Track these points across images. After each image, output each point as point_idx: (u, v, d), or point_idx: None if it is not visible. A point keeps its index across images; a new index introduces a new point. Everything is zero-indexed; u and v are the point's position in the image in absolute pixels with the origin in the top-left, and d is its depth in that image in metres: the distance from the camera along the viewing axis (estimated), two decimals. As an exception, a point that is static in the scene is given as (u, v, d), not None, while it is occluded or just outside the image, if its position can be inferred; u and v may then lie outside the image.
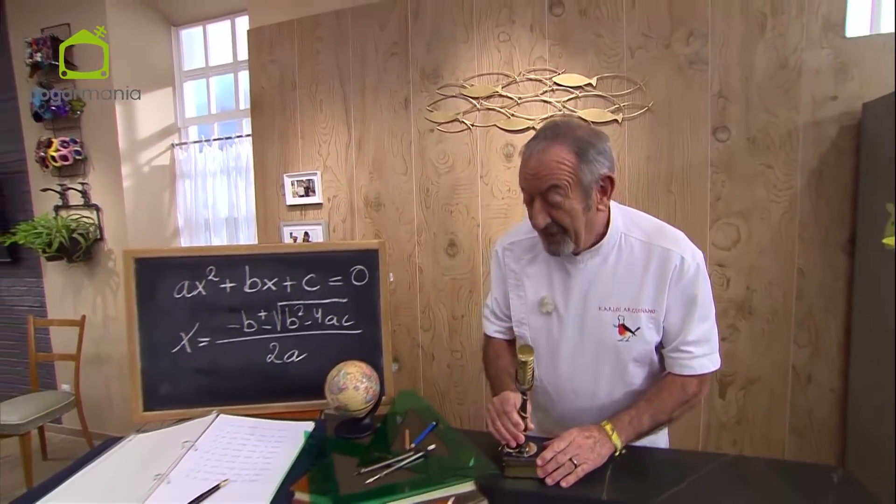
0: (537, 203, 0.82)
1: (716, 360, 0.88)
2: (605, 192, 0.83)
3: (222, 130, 2.91)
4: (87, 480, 0.75)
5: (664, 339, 0.89)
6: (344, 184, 2.17)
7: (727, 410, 1.69)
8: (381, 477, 0.68)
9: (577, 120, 0.89)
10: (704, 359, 0.87)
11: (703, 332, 0.86)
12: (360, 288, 1.01)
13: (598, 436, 0.78)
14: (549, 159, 0.78)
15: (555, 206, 0.80)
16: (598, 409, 0.91)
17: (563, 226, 0.82)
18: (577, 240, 0.83)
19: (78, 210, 2.69)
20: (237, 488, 0.71)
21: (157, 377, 1.00)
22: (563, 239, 0.83)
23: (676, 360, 0.87)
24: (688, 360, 0.86)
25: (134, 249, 0.98)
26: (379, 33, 2.03)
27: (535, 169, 0.80)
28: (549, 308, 0.92)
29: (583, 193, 0.80)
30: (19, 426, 2.19)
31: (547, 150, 0.79)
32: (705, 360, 0.87)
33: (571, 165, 0.78)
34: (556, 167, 0.78)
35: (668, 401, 0.85)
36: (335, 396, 0.85)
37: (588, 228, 0.84)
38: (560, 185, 0.78)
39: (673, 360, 0.88)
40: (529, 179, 0.82)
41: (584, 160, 0.79)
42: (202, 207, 2.91)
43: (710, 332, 0.87)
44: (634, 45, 1.66)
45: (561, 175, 0.78)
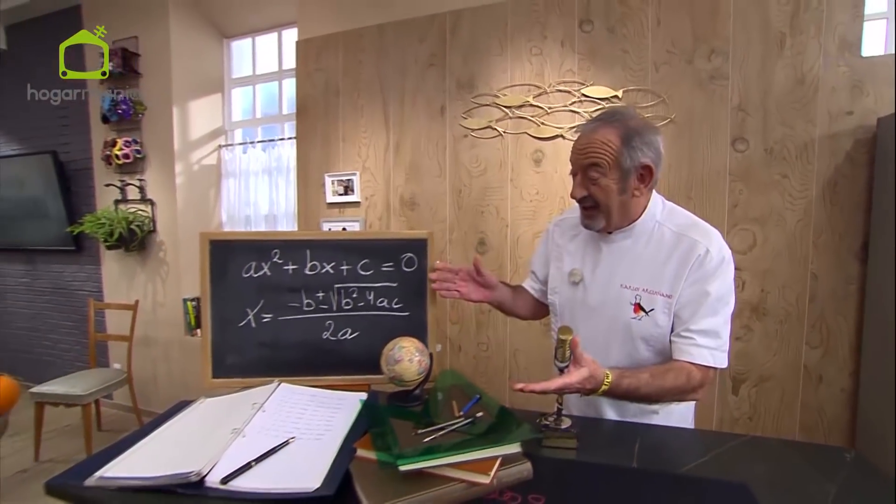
0: (578, 176, 0.92)
1: (720, 358, 0.89)
2: (643, 181, 0.90)
3: (265, 133, 3.13)
4: (170, 433, 0.88)
5: (675, 326, 0.92)
6: (381, 184, 2.33)
7: (739, 406, 1.78)
8: (436, 437, 0.76)
9: (635, 111, 0.97)
10: (706, 351, 0.88)
11: (711, 325, 0.88)
12: (409, 274, 1.13)
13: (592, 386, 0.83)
14: (595, 138, 0.89)
15: (593, 182, 0.90)
16: None
17: (597, 201, 0.91)
18: (608, 217, 0.92)
19: (135, 204, 2.93)
20: (305, 444, 0.82)
21: (224, 348, 1.10)
22: (596, 214, 0.93)
23: (677, 343, 0.90)
24: (687, 346, 0.88)
25: (209, 232, 1.12)
26: (418, 45, 2.20)
27: (582, 145, 0.90)
28: (577, 279, 1.02)
29: (620, 176, 0.88)
30: (82, 397, 2.41)
31: (597, 129, 0.90)
32: (706, 352, 0.88)
33: (615, 148, 0.87)
34: (599, 146, 0.88)
35: (669, 383, 0.87)
36: (391, 367, 0.95)
37: (622, 210, 0.92)
38: (599, 163, 0.88)
39: (674, 343, 0.91)
40: (576, 154, 0.92)
41: (627, 145, 0.87)
42: (244, 205, 3.12)
43: (718, 327, 0.89)
44: (659, 61, 1.79)
45: (602, 155, 0.88)
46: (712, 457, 0.83)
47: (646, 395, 0.87)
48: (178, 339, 2.90)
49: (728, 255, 0.91)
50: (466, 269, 1.11)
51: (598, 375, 0.82)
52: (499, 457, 0.73)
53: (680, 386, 0.88)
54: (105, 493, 0.73)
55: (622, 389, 0.85)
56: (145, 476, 0.75)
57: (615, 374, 0.84)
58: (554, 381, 0.80)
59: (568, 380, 0.80)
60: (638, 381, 0.86)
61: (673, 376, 0.88)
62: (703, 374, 0.89)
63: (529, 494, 0.71)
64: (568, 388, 0.80)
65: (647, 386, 0.86)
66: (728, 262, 0.91)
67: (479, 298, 1.13)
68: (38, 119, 3.30)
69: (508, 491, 0.72)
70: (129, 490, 0.73)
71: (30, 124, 3.36)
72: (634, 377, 0.86)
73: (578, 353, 0.81)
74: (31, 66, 3.28)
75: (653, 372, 0.88)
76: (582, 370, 0.81)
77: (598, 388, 0.83)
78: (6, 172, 3.26)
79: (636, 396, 0.87)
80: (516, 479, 0.74)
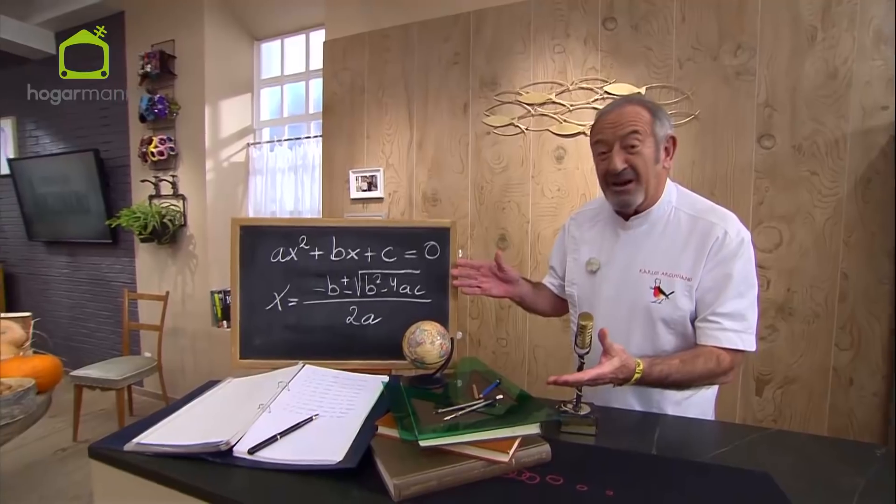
0: (616, 148, 0.91)
1: (749, 340, 0.89)
2: (668, 153, 0.94)
3: (292, 132, 3.22)
4: (200, 408, 0.93)
5: (698, 312, 0.92)
6: (404, 180, 2.37)
7: (764, 408, 1.74)
8: (457, 416, 0.78)
9: None
10: (733, 334, 0.88)
11: (737, 308, 0.88)
12: (431, 261, 1.15)
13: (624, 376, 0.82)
14: (627, 111, 0.91)
15: (632, 151, 0.90)
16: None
17: (638, 171, 0.91)
18: (646, 188, 0.92)
19: (167, 199, 3.06)
20: (327, 421, 0.86)
21: (252, 330, 1.14)
22: (635, 188, 0.92)
23: (703, 329, 0.90)
24: (714, 331, 0.88)
25: (240, 218, 1.18)
26: (442, 45, 2.23)
27: (616, 118, 0.91)
28: (595, 267, 1.03)
29: (655, 145, 0.91)
30: (116, 382, 2.52)
31: (624, 105, 0.93)
32: (734, 335, 0.88)
33: (647, 118, 0.90)
34: (635, 116, 0.90)
35: (700, 368, 0.86)
36: (413, 349, 0.96)
37: (655, 182, 0.93)
38: (639, 130, 0.89)
39: (700, 329, 0.90)
40: (608, 128, 0.92)
41: (656, 117, 0.91)
42: (270, 201, 3.21)
43: (745, 310, 0.89)
44: (683, 57, 1.77)
45: (639, 122, 0.90)
46: (733, 447, 0.83)
47: (677, 381, 0.87)
48: (206, 330, 3.00)
49: (747, 236, 0.91)
50: (488, 264, 1.13)
51: (629, 364, 0.81)
52: (517, 437, 0.75)
53: (710, 370, 0.87)
54: (142, 458, 0.78)
55: (654, 377, 0.84)
56: (179, 444, 0.79)
57: (646, 363, 0.83)
58: (587, 371, 0.79)
59: (601, 370, 0.79)
60: (669, 368, 0.85)
61: (703, 361, 0.87)
62: (732, 358, 0.89)
63: (548, 475, 0.73)
64: (601, 379, 0.79)
65: (677, 372, 0.86)
66: (747, 244, 0.91)
67: (501, 294, 1.14)
68: (82, 119, 3.48)
69: (527, 471, 0.74)
70: (164, 456, 0.78)
71: (75, 124, 3.55)
72: (665, 364, 0.86)
73: (608, 343, 0.81)
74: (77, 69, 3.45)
75: (682, 358, 0.88)
76: (614, 360, 0.80)
77: (631, 378, 0.82)
78: (53, 170, 3.45)
79: (667, 383, 0.87)
80: (535, 460, 0.76)
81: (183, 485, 0.73)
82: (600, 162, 0.97)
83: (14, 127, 3.91)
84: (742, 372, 1.74)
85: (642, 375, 0.83)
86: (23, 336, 1.82)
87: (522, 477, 0.73)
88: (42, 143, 3.75)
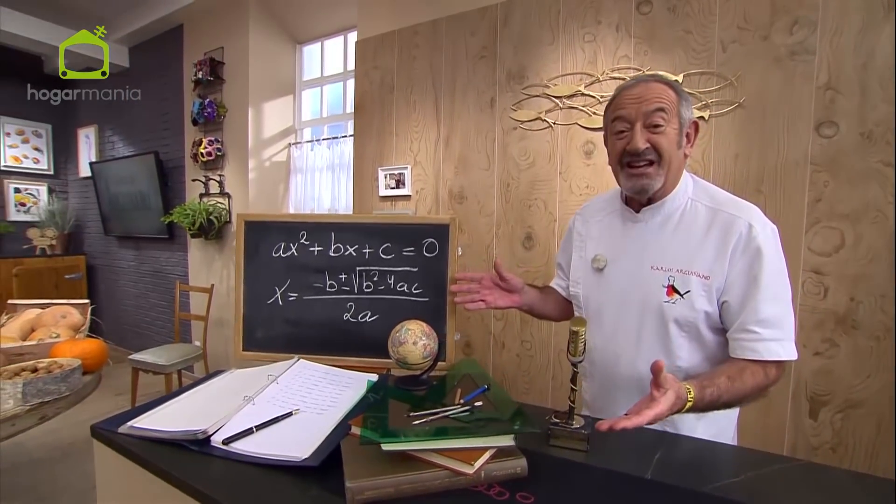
0: (638, 126, 0.83)
1: (790, 349, 0.80)
2: (689, 139, 0.87)
3: (330, 131, 3.31)
4: (196, 397, 0.96)
5: (726, 318, 0.83)
6: (431, 177, 2.35)
7: (819, 433, 1.53)
8: (426, 421, 0.74)
9: None
10: (774, 343, 0.79)
11: (774, 314, 0.79)
12: (430, 259, 1.12)
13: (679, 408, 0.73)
14: (653, 86, 0.84)
15: (656, 130, 0.83)
16: (637, 380, 0.89)
17: (661, 150, 0.83)
18: (668, 171, 0.84)
19: (215, 197, 3.25)
20: (306, 417, 0.85)
21: (254, 323, 1.17)
22: (656, 171, 0.84)
23: (740, 341, 0.81)
24: (753, 343, 0.80)
25: (245, 213, 1.19)
26: (470, 38, 2.18)
27: (641, 93, 0.84)
28: (601, 264, 0.95)
29: (679, 126, 0.84)
30: (165, 367, 2.72)
31: (649, 81, 0.85)
32: (775, 344, 0.79)
33: (674, 97, 0.83)
34: (661, 92, 0.83)
35: (749, 383, 0.79)
36: (396, 349, 0.94)
37: (675, 168, 0.85)
38: (665, 108, 0.82)
39: (736, 341, 0.81)
40: (632, 103, 0.84)
41: (682, 98, 0.84)
42: (309, 199, 3.32)
43: (782, 315, 0.80)
44: (727, 39, 1.60)
45: (665, 100, 0.82)
46: (745, 479, 0.72)
47: (727, 402, 0.78)
48: (248, 321, 3.15)
49: (773, 229, 0.82)
50: (489, 275, 1.06)
51: (682, 395, 0.73)
52: (486, 448, 0.70)
53: (759, 384, 0.80)
54: (130, 440, 0.82)
55: (706, 402, 0.76)
56: (163, 429, 0.82)
57: (696, 387, 0.74)
58: (644, 413, 0.67)
59: (658, 409, 0.68)
60: (719, 389, 0.77)
61: (750, 375, 0.79)
62: (777, 368, 0.81)
63: (519, 492, 0.67)
64: (660, 418, 0.69)
65: (728, 392, 0.77)
66: (776, 239, 0.81)
67: (507, 305, 1.07)
68: (146, 123, 3.80)
69: (497, 486, 0.69)
70: (149, 440, 0.81)
71: (140, 128, 3.88)
72: (714, 386, 0.77)
73: (663, 377, 0.70)
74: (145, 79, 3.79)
75: (729, 374, 0.79)
76: (669, 395, 0.71)
77: (684, 407, 0.73)
78: (123, 171, 3.79)
79: (719, 405, 0.78)
80: (509, 474, 0.70)
81: (156, 468, 0.75)
82: (617, 141, 0.88)
83: (96, 134, 4.35)
84: (791, 389, 1.55)
85: (694, 402, 0.74)
86: (80, 321, 2.00)
87: (490, 492, 0.67)
88: (116, 147, 4.14)
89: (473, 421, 0.76)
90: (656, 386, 0.70)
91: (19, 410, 1.32)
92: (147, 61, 3.77)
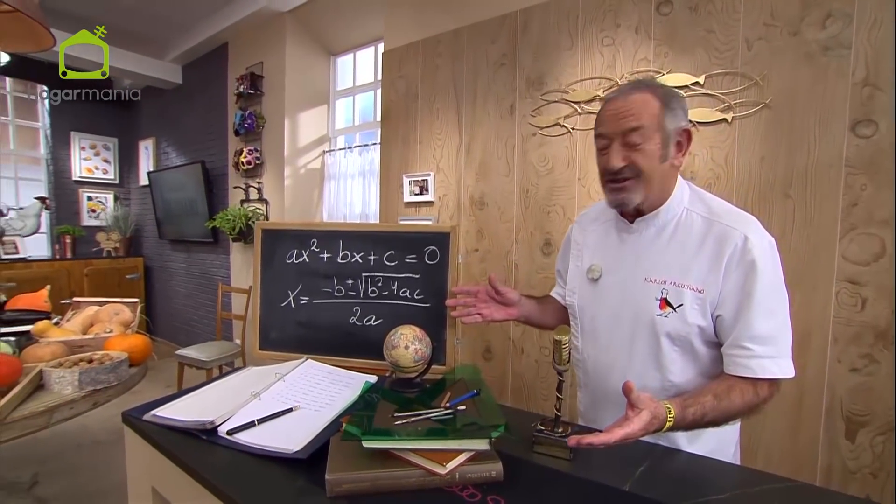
0: (615, 144, 0.82)
1: (785, 366, 0.78)
2: (680, 149, 0.84)
3: (362, 139, 3.43)
4: (212, 391, 1.04)
5: (721, 333, 0.82)
6: (453, 184, 2.39)
7: (857, 456, 1.42)
8: (407, 422, 0.78)
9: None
10: (768, 360, 0.77)
11: (768, 329, 0.77)
12: (431, 266, 1.15)
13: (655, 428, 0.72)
14: (634, 99, 0.81)
15: (633, 148, 0.80)
16: None
17: (639, 168, 0.81)
18: (648, 188, 0.82)
19: (253, 203, 3.45)
20: (304, 413, 0.91)
21: (269, 324, 1.23)
22: (635, 185, 0.82)
23: (733, 357, 0.79)
24: (746, 360, 0.78)
25: (262, 222, 1.28)
26: (490, 46, 2.21)
27: (619, 108, 0.81)
28: (596, 275, 0.94)
29: (662, 141, 0.81)
30: (206, 362, 2.92)
31: (632, 92, 0.82)
32: (768, 362, 0.77)
33: (656, 109, 0.80)
34: (640, 107, 0.80)
35: (738, 402, 0.77)
36: (389, 352, 0.97)
37: (660, 182, 0.83)
38: (642, 126, 0.79)
39: (729, 357, 0.80)
40: (610, 120, 0.82)
41: (667, 107, 0.81)
42: (342, 205, 3.45)
43: (777, 331, 0.78)
44: (753, 37, 1.53)
45: (644, 116, 0.80)
46: (732, 496, 0.70)
47: (714, 420, 0.77)
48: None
49: (769, 241, 0.78)
50: (485, 288, 1.06)
51: (659, 414, 0.72)
52: (461, 451, 0.72)
53: (749, 403, 0.78)
54: (152, 427, 0.91)
55: (687, 421, 0.75)
56: (178, 419, 0.90)
57: (677, 407, 0.74)
58: (614, 432, 0.68)
59: (630, 429, 0.68)
60: (703, 408, 0.75)
61: (739, 393, 0.77)
62: (770, 386, 0.79)
63: (490, 495, 0.69)
64: (631, 437, 0.70)
65: (713, 410, 0.76)
66: (773, 252, 0.78)
67: (503, 318, 1.06)
68: (195, 135, 4.10)
69: (472, 487, 0.71)
70: (166, 427, 0.90)
71: (189, 139, 4.19)
72: (698, 404, 0.76)
73: (635, 396, 0.71)
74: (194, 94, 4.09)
75: (716, 392, 0.77)
76: (642, 414, 0.70)
77: (664, 427, 0.72)
78: (174, 179, 4.10)
79: (704, 424, 0.77)
80: (483, 477, 0.72)
81: (169, 452, 0.84)
82: (600, 157, 0.88)
83: (154, 145, 4.73)
84: (824, 407, 1.45)
85: (675, 422, 0.73)
86: (131, 318, 2.19)
87: (463, 493, 0.70)
88: (170, 157, 4.49)
89: (452, 424, 0.78)
90: (630, 405, 0.70)
91: (76, 396, 1.46)
92: (196, 78, 4.08)
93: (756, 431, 1.55)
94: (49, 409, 1.35)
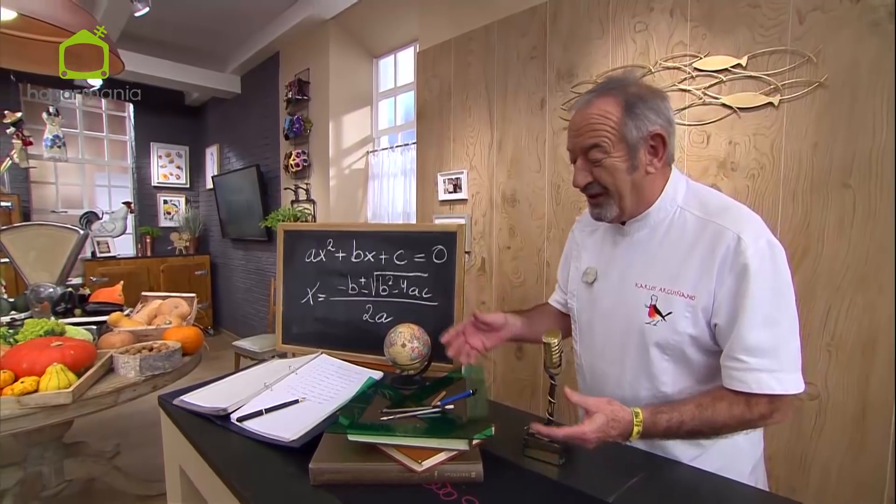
0: (579, 161, 0.80)
1: (788, 381, 0.70)
2: (655, 153, 0.77)
3: (404, 138, 3.49)
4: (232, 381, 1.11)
5: (720, 343, 0.76)
6: (486, 181, 2.38)
7: (933, 482, 1.24)
8: (393, 419, 0.80)
9: (636, 77, 0.87)
10: (765, 374, 0.69)
11: (764, 341, 0.69)
12: (439, 265, 1.16)
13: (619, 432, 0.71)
14: (592, 112, 0.76)
15: (596, 164, 0.77)
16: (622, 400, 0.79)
17: (605, 185, 0.78)
18: (620, 202, 0.79)
19: (302, 203, 3.64)
20: (308, 405, 0.95)
21: (291, 320, 1.30)
22: (605, 200, 0.80)
23: (728, 370, 0.73)
24: (740, 373, 0.71)
25: (284, 224, 1.34)
26: (520, 40, 2.16)
27: (578, 125, 0.78)
28: (591, 278, 0.91)
29: (628, 151, 0.76)
30: (257, 353, 3.13)
31: (591, 102, 0.77)
32: (766, 376, 0.69)
33: (615, 120, 0.75)
34: (598, 122, 0.75)
35: (723, 414, 0.71)
36: (387, 349, 1.00)
37: (635, 192, 0.79)
38: (601, 143, 0.75)
39: (725, 370, 0.74)
40: (571, 135, 0.80)
41: (630, 115, 0.75)
42: (386, 203, 3.54)
43: (776, 343, 0.70)
44: (806, 8, 1.37)
45: (602, 131, 0.75)
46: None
47: (695, 430, 0.72)
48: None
49: (770, 243, 0.71)
50: (470, 322, 1.01)
51: (621, 418, 0.70)
52: (439, 450, 0.73)
53: (737, 417, 0.72)
54: (179, 410, 1.00)
55: (661, 428, 0.72)
56: (199, 404, 0.99)
57: (647, 412, 0.71)
58: (563, 427, 0.70)
59: (578, 430, 0.68)
60: (681, 416, 0.72)
61: (726, 405, 0.72)
62: (769, 401, 0.71)
63: (466, 496, 0.69)
64: (580, 438, 0.69)
65: (693, 420, 0.72)
66: (773, 254, 0.70)
67: (495, 343, 1.02)
68: (251, 140, 4.40)
69: (450, 486, 0.72)
70: (189, 412, 0.99)
71: (247, 144, 4.50)
72: (675, 411, 0.72)
73: (579, 399, 0.70)
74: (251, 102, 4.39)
75: (699, 402, 0.73)
76: (596, 417, 0.69)
77: (630, 432, 0.71)
78: (234, 182, 4.43)
79: (683, 434, 0.73)
80: (463, 477, 0.73)
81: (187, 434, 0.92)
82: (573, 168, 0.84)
83: (218, 151, 5.13)
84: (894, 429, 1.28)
85: (643, 428, 0.71)
86: (188, 311, 2.40)
87: (440, 491, 0.71)
88: (231, 161, 4.85)
89: (435, 423, 0.79)
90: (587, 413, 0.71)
91: (137, 380, 1.63)
92: (253, 86, 4.38)
93: (810, 448, 1.40)
94: (116, 390, 1.52)
